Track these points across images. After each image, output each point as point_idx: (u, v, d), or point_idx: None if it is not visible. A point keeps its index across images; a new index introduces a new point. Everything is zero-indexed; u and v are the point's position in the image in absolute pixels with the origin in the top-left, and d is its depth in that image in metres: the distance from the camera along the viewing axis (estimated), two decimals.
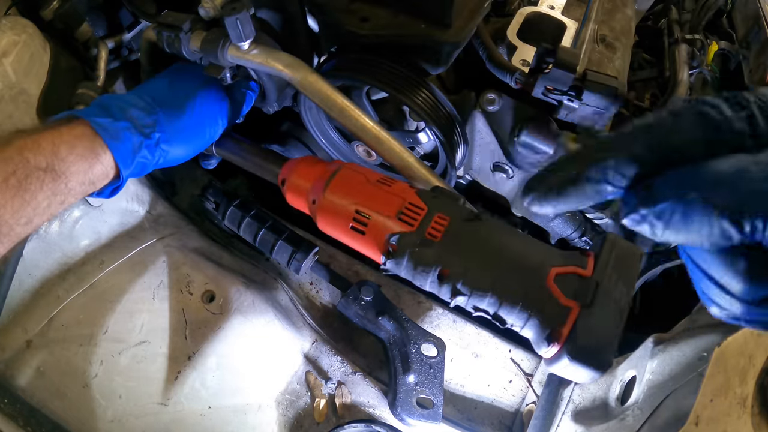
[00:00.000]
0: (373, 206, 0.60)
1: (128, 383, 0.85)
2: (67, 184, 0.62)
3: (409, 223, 0.57)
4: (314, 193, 0.67)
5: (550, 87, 0.70)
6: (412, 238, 0.55)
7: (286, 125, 1.08)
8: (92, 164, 0.64)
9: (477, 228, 0.55)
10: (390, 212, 0.58)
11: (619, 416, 0.77)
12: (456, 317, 1.06)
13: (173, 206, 1.09)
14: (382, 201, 0.60)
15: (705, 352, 0.69)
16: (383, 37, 0.70)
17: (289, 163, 0.76)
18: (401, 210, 0.58)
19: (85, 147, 0.63)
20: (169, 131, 0.72)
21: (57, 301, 0.88)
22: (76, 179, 0.63)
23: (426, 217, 0.57)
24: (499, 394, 0.99)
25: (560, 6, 0.85)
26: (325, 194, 0.63)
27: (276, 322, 0.96)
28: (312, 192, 0.68)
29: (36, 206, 0.60)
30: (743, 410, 0.52)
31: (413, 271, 0.55)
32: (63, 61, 0.86)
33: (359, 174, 0.64)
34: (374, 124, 0.69)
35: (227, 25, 0.67)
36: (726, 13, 1.14)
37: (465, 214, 0.57)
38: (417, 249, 0.54)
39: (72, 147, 0.62)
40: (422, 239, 0.55)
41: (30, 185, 0.59)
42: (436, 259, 0.53)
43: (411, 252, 0.54)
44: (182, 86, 0.77)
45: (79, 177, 0.63)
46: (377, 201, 0.60)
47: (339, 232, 0.63)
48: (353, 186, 0.63)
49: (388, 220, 0.58)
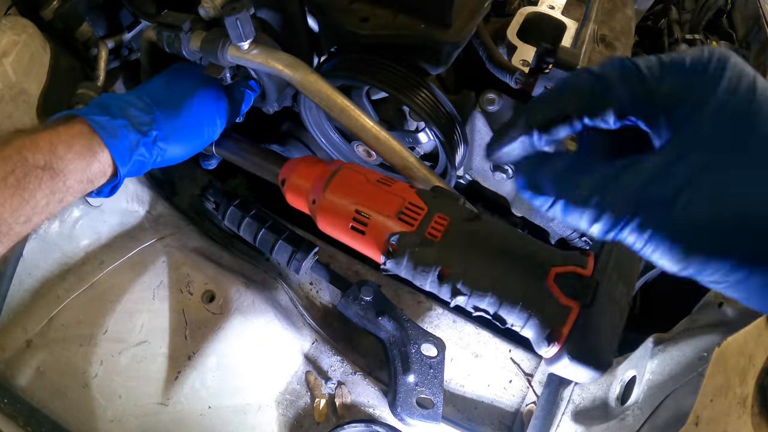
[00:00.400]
0: (373, 206, 0.60)
1: (128, 383, 0.85)
2: (65, 182, 0.62)
3: (409, 223, 0.57)
4: (314, 193, 0.67)
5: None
6: (412, 238, 0.55)
7: (286, 125, 1.08)
8: (90, 162, 0.64)
9: (477, 228, 0.55)
10: (390, 212, 0.58)
11: (619, 416, 0.77)
12: (456, 317, 1.06)
13: (173, 206, 1.09)
14: (382, 201, 0.60)
15: (705, 352, 0.69)
16: (383, 37, 0.70)
17: (289, 163, 0.76)
18: (401, 210, 0.58)
19: (82, 145, 0.64)
20: (167, 130, 0.72)
21: (57, 301, 0.88)
22: (75, 177, 0.63)
23: (426, 217, 0.57)
24: (499, 394, 0.99)
25: (560, 6, 0.85)
26: (325, 194, 0.63)
27: (276, 322, 0.96)
28: (312, 192, 0.68)
29: (35, 205, 0.60)
30: (743, 410, 0.52)
31: (413, 271, 0.55)
32: (63, 61, 0.86)
33: (359, 174, 0.65)
34: (374, 124, 0.69)
35: (227, 25, 0.67)
36: (726, 13, 1.14)
37: (465, 214, 0.57)
38: (417, 249, 0.54)
39: (70, 145, 0.62)
40: (422, 239, 0.55)
41: (29, 184, 0.59)
42: (436, 259, 0.53)
43: (411, 252, 0.54)
44: (180, 86, 0.77)
45: (78, 175, 0.63)
46: (377, 201, 0.60)
47: (339, 232, 0.63)
48: (353, 186, 0.63)
49: (388, 220, 0.58)
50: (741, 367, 0.55)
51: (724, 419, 0.54)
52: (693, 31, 1.06)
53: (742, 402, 0.52)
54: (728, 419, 0.53)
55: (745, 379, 0.53)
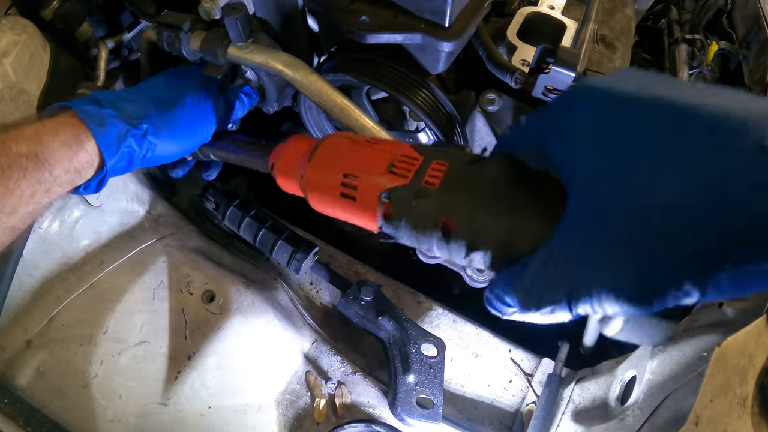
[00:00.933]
0: (361, 167, 0.52)
1: (128, 383, 0.85)
2: (51, 172, 0.61)
3: (402, 176, 0.49)
4: (301, 169, 0.60)
5: (550, 87, 0.70)
6: (406, 191, 0.47)
7: (286, 125, 1.08)
8: (76, 152, 0.63)
9: (482, 167, 0.47)
10: (380, 169, 0.51)
11: (619, 416, 0.77)
12: (456, 317, 1.06)
13: (173, 206, 1.09)
14: (370, 159, 0.53)
15: (705, 352, 0.69)
16: (383, 37, 0.70)
17: (277, 147, 0.71)
18: (392, 163, 0.50)
19: (68, 134, 0.62)
20: (159, 125, 0.71)
21: (57, 301, 0.88)
22: (61, 167, 0.61)
23: (422, 167, 0.49)
24: (499, 394, 0.99)
25: (560, 6, 0.85)
26: (309, 165, 0.57)
27: (276, 322, 0.96)
28: (299, 168, 0.61)
29: (20, 195, 0.59)
30: (743, 410, 0.52)
31: (414, 231, 0.47)
32: (63, 61, 0.86)
33: (344, 139, 0.59)
34: (374, 124, 0.69)
35: (227, 25, 0.67)
36: (726, 13, 1.14)
37: (467, 157, 0.49)
38: (414, 202, 0.46)
39: (55, 134, 0.61)
40: (418, 189, 0.47)
41: (13, 173, 0.58)
42: (436, 210, 0.45)
43: (407, 207, 0.47)
44: (177, 85, 0.76)
45: (64, 165, 0.62)
46: (365, 160, 0.53)
47: (331, 206, 0.56)
48: (339, 152, 0.57)
49: (380, 178, 0.50)
50: (741, 367, 0.55)
51: (724, 419, 0.54)
52: (693, 31, 1.06)
53: (742, 402, 0.52)
54: (728, 419, 0.53)
55: (745, 379, 0.53)
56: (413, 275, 1.10)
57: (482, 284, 0.92)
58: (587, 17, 0.79)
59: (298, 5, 0.75)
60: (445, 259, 0.51)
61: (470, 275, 0.91)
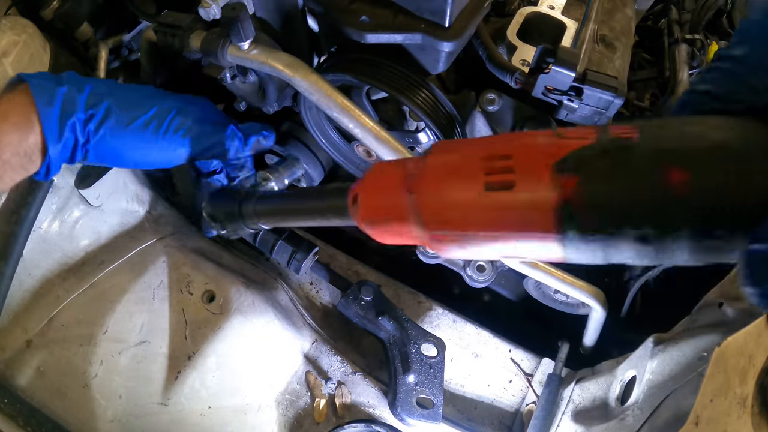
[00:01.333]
0: (507, 143, 0.38)
1: (128, 383, 0.85)
2: (0, 156, 0.59)
3: (582, 138, 0.35)
4: (409, 183, 0.43)
5: (550, 87, 0.70)
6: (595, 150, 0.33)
7: (286, 125, 1.08)
8: (26, 134, 0.60)
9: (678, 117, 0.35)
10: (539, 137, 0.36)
11: (619, 416, 0.77)
12: (456, 317, 1.06)
13: (173, 206, 1.09)
14: (513, 137, 0.39)
15: (705, 352, 0.69)
16: (383, 37, 0.70)
17: (353, 185, 0.51)
18: (555, 131, 0.36)
19: (19, 114, 0.60)
20: (117, 119, 0.65)
21: (57, 301, 0.88)
22: (10, 150, 0.59)
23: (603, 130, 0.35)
24: (499, 394, 0.99)
25: (560, 6, 0.85)
26: (426, 161, 0.42)
27: (276, 322, 0.96)
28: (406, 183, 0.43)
29: None
30: (743, 410, 0.52)
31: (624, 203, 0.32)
32: (63, 61, 0.86)
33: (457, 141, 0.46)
34: (374, 124, 0.69)
35: (227, 25, 0.67)
36: (726, 13, 1.14)
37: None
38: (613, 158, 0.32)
39: (6, 116, 0.59)
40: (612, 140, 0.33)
41: None
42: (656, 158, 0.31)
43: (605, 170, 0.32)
44: (166, 101, 0.72)
45: (13, 148, 0.59)
46: (507, 138, 0.39)
47: (471, 210, 0.38)
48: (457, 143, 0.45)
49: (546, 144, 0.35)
50: (741, 367, 0.55)
51: (724, 419, 0.54)
52: (693, 31, 1.06)
53: (742, 402, 0.52)
54: (728, 419, 0.53)
55: (745, 379, 0.53)
56: (413, 275, 1.10)
57: (482, 284, 0.92)
58: (587, 17, 0.79)
59: (298, 5, 0.75)
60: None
61: (470, 275, 0.91)
